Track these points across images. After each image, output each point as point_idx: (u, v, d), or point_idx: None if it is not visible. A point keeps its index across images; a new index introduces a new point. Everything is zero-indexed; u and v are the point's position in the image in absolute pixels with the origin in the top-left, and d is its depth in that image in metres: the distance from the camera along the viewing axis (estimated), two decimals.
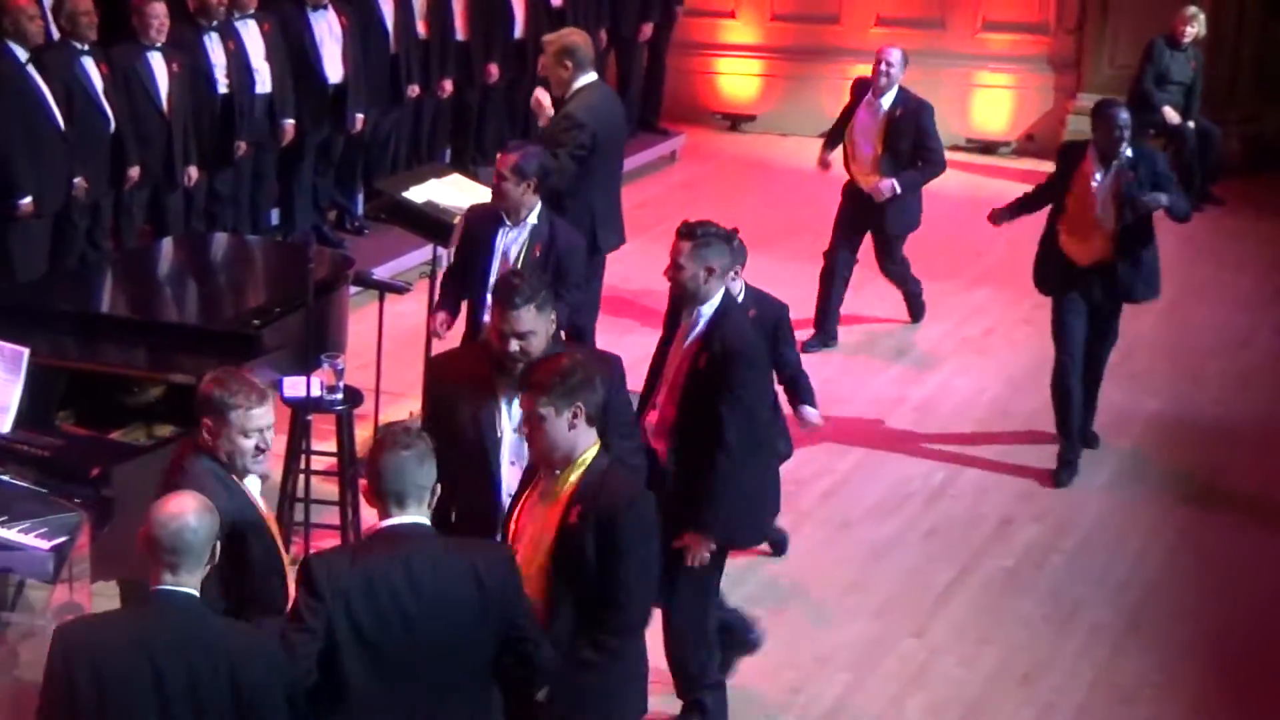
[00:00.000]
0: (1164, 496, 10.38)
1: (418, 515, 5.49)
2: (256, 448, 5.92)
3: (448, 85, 14.43)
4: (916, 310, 12.95)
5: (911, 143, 12.04)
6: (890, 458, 10.72)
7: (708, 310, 7.42)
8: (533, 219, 8.81)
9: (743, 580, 9.08)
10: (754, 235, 11.00)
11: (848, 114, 12.42)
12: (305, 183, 13.40)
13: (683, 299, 7.52)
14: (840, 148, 12.53)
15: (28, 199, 10.78)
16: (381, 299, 9.46)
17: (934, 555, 9.57)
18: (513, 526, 6.10)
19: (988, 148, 17.83)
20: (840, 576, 9.33)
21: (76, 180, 11.09)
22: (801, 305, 12.54)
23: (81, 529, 7.10)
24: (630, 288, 12.46)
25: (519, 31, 15.07)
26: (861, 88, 12.34)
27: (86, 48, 11.22)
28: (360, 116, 13.37)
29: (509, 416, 6.65)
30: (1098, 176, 10.02)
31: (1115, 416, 11.11)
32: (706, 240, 7.41)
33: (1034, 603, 9.14)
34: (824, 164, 12.79)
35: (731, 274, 7.71)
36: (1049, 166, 10.66)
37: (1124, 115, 9.90)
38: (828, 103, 17.66)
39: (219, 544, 5.24)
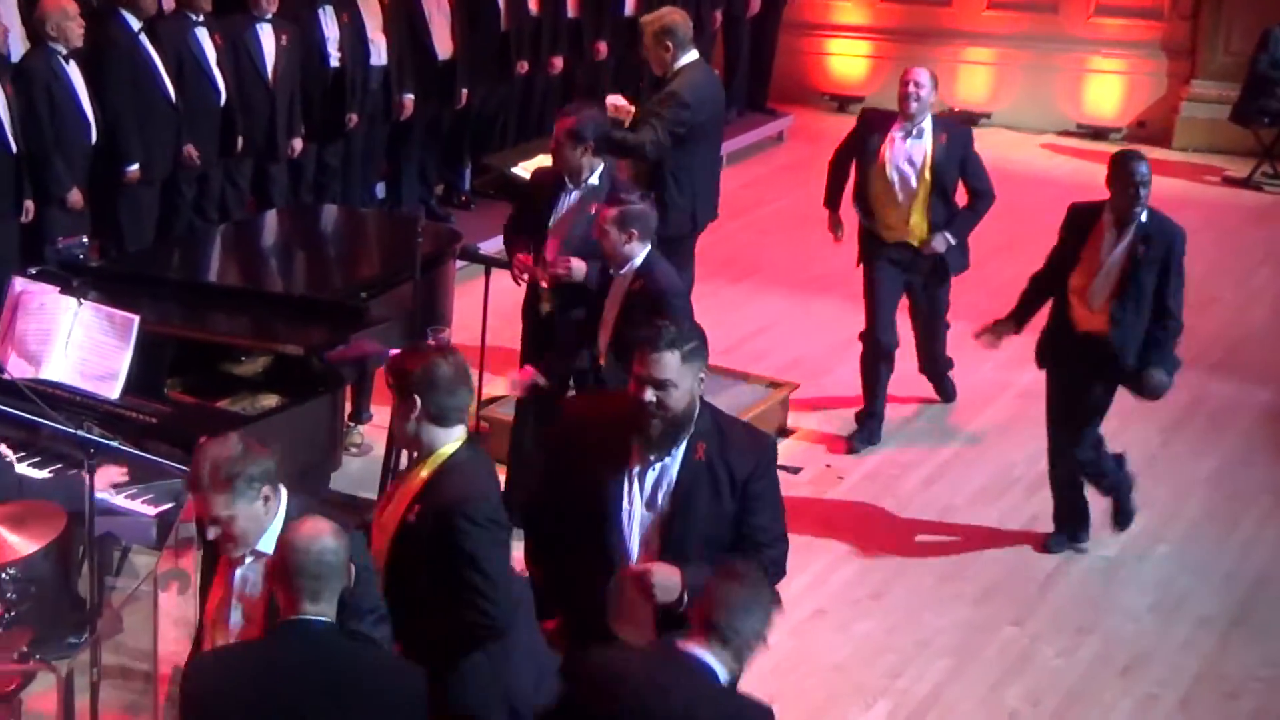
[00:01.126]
0: (1272, 487, 10.23)
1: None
2: None
3: (557, 62, 14.45)
4: (947, 392, 11.16)
5: (959, 174, 10.19)
6: (994, 445, 10.63)
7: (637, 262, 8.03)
8: (594, 180, 8.88)
9: (843, 564, 9.05)
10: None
11: (851, 154, 10.38)
12: (414, 157, 13.45)
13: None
14: (854, 198, 10.48)
15: (135, 166, 10.86)
16: (488, 274, 9.46)
17: (1036, 543, 9.47)
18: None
19: (1098, 133, 17.62)
20: (941, 563, 9.26)
21: (185, 149, 11.16)
22: None
23: (187, 496, 7.13)
24: (733, 269, 12.41)
25: (629, 9, 15.07)
26: (875, 121, 10.31)
27: (200, 18, 11.29)
28: (465, 92, 13.39)
29: (640, 491, 5.96)
30: (1110, 243, 8.67)
31: (1225, 405, 10.98)
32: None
33: (1137, 593, 9.04)
34: (837, 227, 10.69)
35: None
36: (1160, 153, 10.43)
37: (1144, 169, 8.51)
38: (938, 86, 17.59)
39: (353, 566, 5.10)
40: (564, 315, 8.83)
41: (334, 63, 12.33)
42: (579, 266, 8.62)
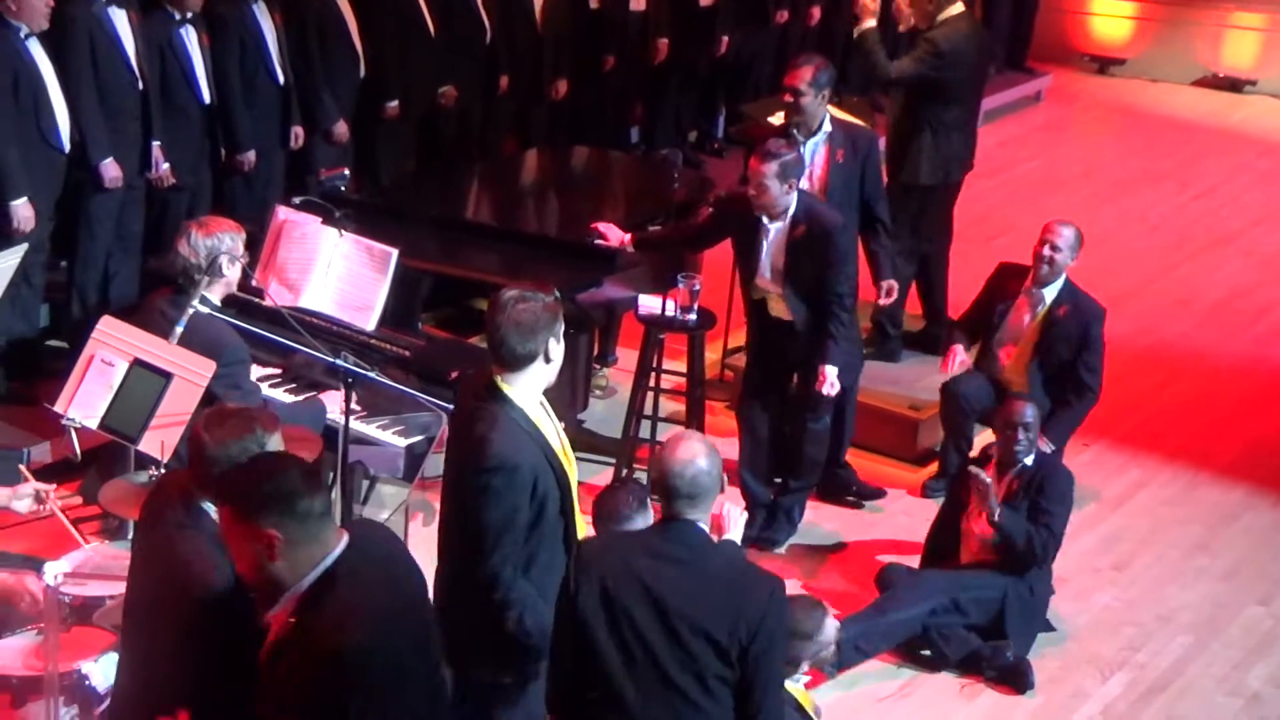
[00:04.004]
0: None
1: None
2: None
3: (816, 12, 14.37)
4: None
5: (1073, 352, 8.81)
6: (1245, 418, 10.40)
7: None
8: (826, 126, 8.81)
9: (1085, 532, 8.93)
10: (1114, 182, 10.88)
11: (994, 300, 9.07)
12: (669, 102, 13.47)
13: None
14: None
15: (394, 102, 11.00)
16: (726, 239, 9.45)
17: None
18: None
19: (1234, 85, 17.24)
20: (1187, 536, 9.09)
21: (444, 90, 11.27)
22: (1161, 254, 12.34)
23: (438, 430, 7.23)
24: (983, 228, 12.27)
25: None
26: (1010, 274, 9.09)
27: None
28: (725, 39, 13.38)
29: None
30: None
31: None
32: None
33: None
34: (959, 351, 9.04)
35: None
36: None
37: (1030, 412, 7.96)
38: (1201, 50, 17.23)
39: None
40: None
41: (593, 3, 12.37)
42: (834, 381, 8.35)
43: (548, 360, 5.56)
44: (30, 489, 6.34)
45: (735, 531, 5.66)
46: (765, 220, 8.13)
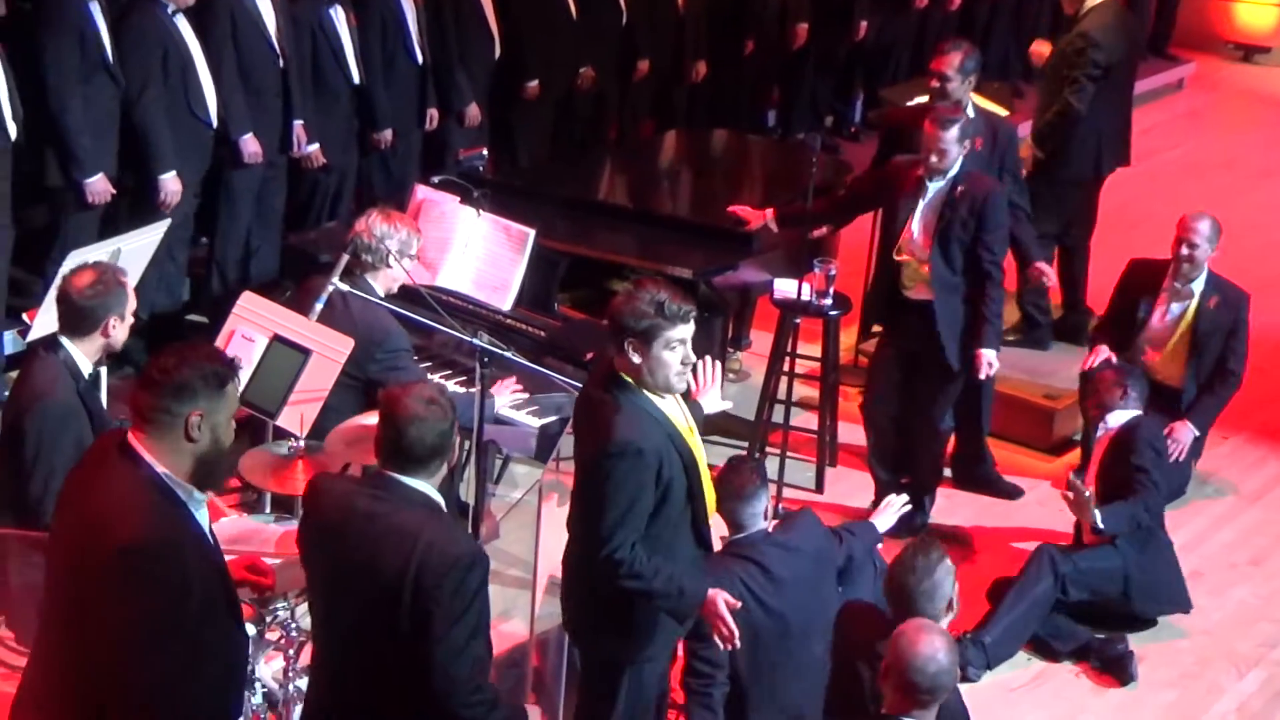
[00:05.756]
0: None
1: None
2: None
3: None
4: None
5: (1224, 345, 8.80)
6: None
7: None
8: (969, 113, 8.72)
9: (1223, 526, 8.82)
10: (1257, 171, 10.72)
11: (1131, 299, 8.98)
12: (806, 87, 13.42)
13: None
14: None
15: (534, 82, 11.03)
16: (876, 213, 9.41)
17: None
18: None
19: None
20: None
21: (583, 71, 11.30)
22: None
23: (571, 411, 7.23)
24: (1124, 216, 12.13)
25: None
26: (1143, 270, 9.01)
27: None
28: (864, 24, 13.32)
29: None
30: None
31: None
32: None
33: None
34: (1104, 351, 8.83)
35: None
36: None
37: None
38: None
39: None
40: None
41: None
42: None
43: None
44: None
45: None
46: (926, 180, 8.11)
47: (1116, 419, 8.03)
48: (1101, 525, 7.66)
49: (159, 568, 4.36)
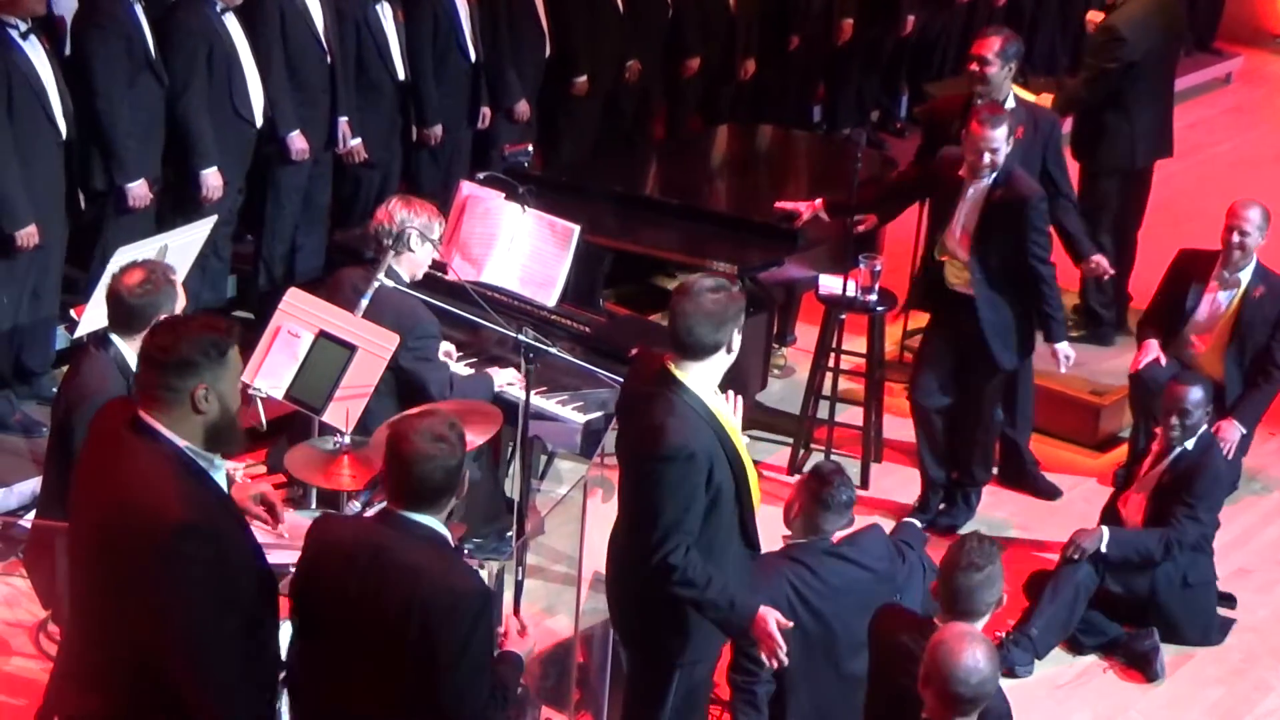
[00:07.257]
0: None
1: None
2: None
3: None
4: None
5: (1269, 338, 8.67)
6: None
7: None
8: (1010, 103, 8.72)
9: (1270, 522, 8.79)
10: None
11: (1179, 288, 8.90)
12: (852, 82, 13.40)
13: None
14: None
15: (583, 77, 11.04)
16: (922, 204, 9.39)
17: None
18: None
19: None
20: None
21: (629, 65, 11.30)
22: None
23: None
24: (1172, 211, 12.08)
25: None
26: (1192, 260, 8.94)
27: None
28: (910, 18, 13.30)
29: None
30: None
31: None
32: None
33: None
34: (1153, 347, 8.85)
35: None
36: None
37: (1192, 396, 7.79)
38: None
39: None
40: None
41: None
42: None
43: (729, 351, 5.59)
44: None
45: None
46: (968, 180, 8.07)
47: (1197, 444, 7.89)
48: (1105, 554, 7.65)
49: (214, 546, 4.44)
